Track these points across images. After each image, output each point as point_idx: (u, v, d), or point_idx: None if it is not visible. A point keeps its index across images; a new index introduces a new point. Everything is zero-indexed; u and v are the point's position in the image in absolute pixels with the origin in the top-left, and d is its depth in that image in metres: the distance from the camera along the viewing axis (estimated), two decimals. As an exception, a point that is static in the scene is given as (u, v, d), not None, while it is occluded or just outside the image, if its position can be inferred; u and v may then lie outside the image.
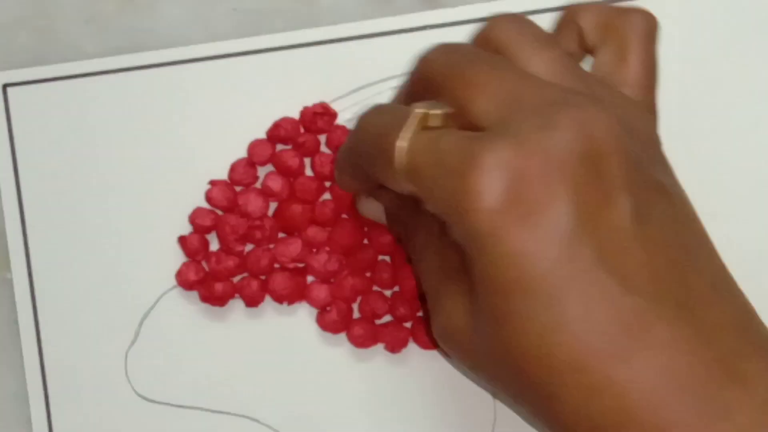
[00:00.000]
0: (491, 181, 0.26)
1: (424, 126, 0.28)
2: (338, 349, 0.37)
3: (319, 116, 0.36)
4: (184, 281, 0.37)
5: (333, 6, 0.38)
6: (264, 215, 0.37)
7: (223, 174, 0.37)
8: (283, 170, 0.37)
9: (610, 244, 0.26)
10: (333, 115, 0.37)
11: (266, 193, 0.37)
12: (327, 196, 0.37)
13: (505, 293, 0.27)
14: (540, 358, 0.27)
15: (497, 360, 0.28)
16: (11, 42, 0.38)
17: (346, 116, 0.37)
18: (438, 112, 0.28)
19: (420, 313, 0.37)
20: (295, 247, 0.36)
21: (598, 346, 0.26)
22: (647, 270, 0.26)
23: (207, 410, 0.37)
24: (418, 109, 0.28)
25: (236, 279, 0.37)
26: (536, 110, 0.27)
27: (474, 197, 0.26)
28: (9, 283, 0.38)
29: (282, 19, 0.38)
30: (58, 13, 0.38)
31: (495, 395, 0.36)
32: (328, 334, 0.37)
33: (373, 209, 0.35)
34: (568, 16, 0.32)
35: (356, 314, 0.37)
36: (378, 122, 0.29)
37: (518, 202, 0.26)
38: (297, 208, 0.36)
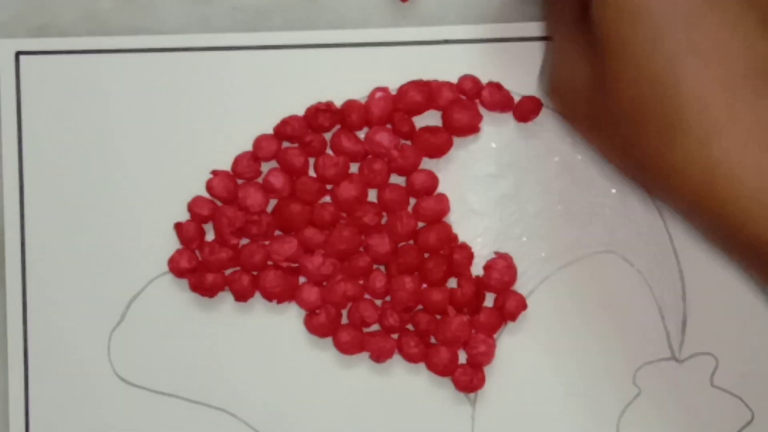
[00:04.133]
0: None
1: None
2: (323, 353, 0.37)
3: (322, 113, 0.36)
4: (175, 268, 0.37)
5: (332, 5, 0.37)
6: (262, 210, 0.36)
7: (226, 166, 0.37)
8: (286, 167, 0.36)
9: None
10: (336, 113, 0.36)
11: (267, 189, 0.36)
12: (327, 198, 0.36)
13: (623, 43, 0.28)
14: (653, 106, 0.28)
15: (610, 105, 0.29)
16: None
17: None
18: None
19: (409, 326, 0.36)
20: (290, 246, 0.36)
21: (711, 102, 0.27)
22: None
23: (185, 399, 0.37)
24: None
25: (228, 272, 0.37)
26: None
27: None
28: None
29: (281, 17, 0.37)
30: (57, 12, 0.38)
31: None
32: (315, 337, 0.37)
33: None
34: None
35: (345, 320, 0.37)
36: None
37: None
38: (296, 207, 0.36)
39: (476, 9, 0.37)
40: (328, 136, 0.37)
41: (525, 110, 0.36)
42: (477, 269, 0.36)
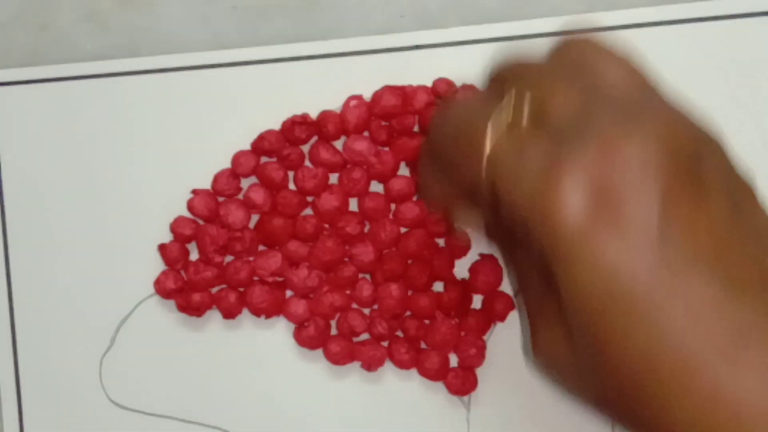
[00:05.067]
0: (575, 188, 0.24)
1: (509, 123, 0.26)
2: (314, 365, 0.37)
3: (298, 126, 0.36)
4: (162, 289, 0.37)
5: (332, 4, 0.37)
6: (245, 227, 0.36)
7: (206, 184, 0.37)
8: (266, 182, 0.36)
9: (709, 244, 0.24)
10: (312, 125, 0.36)
11: (248, 205, 0.36)
12: (309, 210, 0.36)
13: (599, 310, 0.24)
14: (646, 373, 0.24)
15: (600, 381, 0.26)
16: (11, 40, 0.38)
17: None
18: (526, 106, 0.26)
19: (398, 333, 0.36)
20: (275, 260, 0.36)
21: (708, 353, 0.24)
22: (752, 268, 0.24)
23: (179, 420, 0.37)
24: (508, 98, 0.26)
25: (215, 290, 0.37)
26: (618, 109, 0.25)
27: (558, 207, 0.24)
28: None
29: (281, 17, 0.37)
30: (57, 11, 0.38)
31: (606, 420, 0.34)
32: (305, 350, 0.37)
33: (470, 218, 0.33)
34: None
35: (334, 331, 0.37)
36: (465, 115, 0.28)
37: (605, 208, 0.24)
38: (278, 222, 0.36)
39: (477, 9, 0.37)
40: (305, 148, 0.37)
41: (500, 110, 0.36)
42: (462, 272, 0.36)
